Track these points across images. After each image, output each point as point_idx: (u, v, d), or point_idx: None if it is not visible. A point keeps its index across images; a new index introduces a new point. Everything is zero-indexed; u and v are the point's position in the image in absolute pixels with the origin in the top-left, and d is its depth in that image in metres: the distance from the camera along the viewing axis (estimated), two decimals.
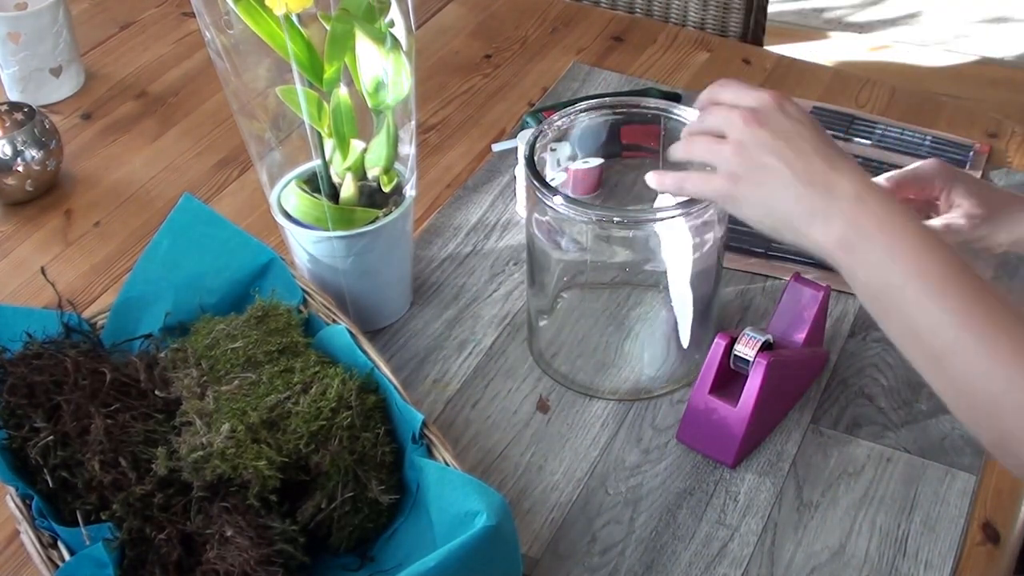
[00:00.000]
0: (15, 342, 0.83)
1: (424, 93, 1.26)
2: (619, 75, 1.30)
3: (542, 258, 0.93)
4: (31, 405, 0.79)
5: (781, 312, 0.89)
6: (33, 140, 1.12)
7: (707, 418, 0.86)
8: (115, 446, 0.75)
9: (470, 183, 1.15)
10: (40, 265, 1.07)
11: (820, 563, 0.81)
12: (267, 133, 0.93)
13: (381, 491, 0.77)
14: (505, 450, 0.89)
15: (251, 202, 1.13)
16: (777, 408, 0.89)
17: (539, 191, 0.85)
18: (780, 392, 0.88)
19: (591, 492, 0.86)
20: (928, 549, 0.81)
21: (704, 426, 0.86)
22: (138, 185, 1.18)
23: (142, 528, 0.73)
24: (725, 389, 0.85)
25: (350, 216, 0.92)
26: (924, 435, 0.89)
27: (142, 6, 1.47)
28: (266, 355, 0.82)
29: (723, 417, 0.85)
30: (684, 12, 1.49)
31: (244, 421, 0.76)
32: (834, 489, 0.86)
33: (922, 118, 1.22)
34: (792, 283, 0.89)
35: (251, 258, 0.92)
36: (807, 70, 1.33)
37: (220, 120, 1.26)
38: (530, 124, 1.18)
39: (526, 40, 1.39)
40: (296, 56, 0.84)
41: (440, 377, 0.95)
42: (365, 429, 0.78)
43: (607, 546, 0.82)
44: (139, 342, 0.88)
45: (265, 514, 0.74)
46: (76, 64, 1.30)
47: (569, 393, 0.94)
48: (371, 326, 0.98)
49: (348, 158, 0.92)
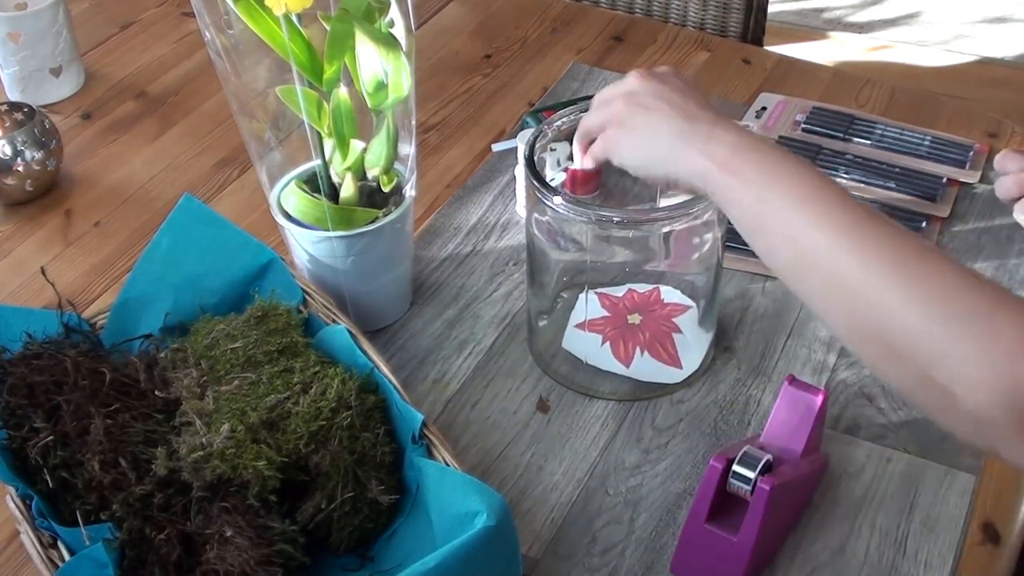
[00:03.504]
0: (15, 342, 0.83)
1: (424, 93, 1.26)
2: (619, 75, 1.30)
3: (542, 258, 0.93)
4: (31, 405, 0.79)
5: (777, 420, 0.80)
6: (33, 140, 1.12)
7: (704, 550, 0.78)
8: (115, 446, 0.75)
9: (470, 183, 1.15)
10: (40, 265, 1.07)
11: (820, 563, 0.81)
12: (267, 133, 0.93)
13: (381, 491, 0.77)
14: (505, 450, 0.89)
15: (251, 202, 1.13)
16: (779, 531, 0.81)
17: (539, 191, 0.85)
18: (782, 516, 0.80)
19: (591, 492, 0.86)
20: (928, 549, 0.81)
21: (701, 558, 0.78)
22: (138, 185, 1.18)
23: (142, 528, 0.73)
24: (722, 515, 0.77)
25: (350, 216, 0.92)
26: (924, 435, 0.89)
27: (142, 6, 1.47)
28: (266, 355, 0.82)
29: (722, 549, 0.76)
30: (684, 12, 1.49)
31: (244, 421, 0.76)
32: (834, 489, 0.85)
33: (922, 118, 1.22)
34: (787, 387, 0.80)
35: (251, 258, 0.92)
36: (807, 70, 1.33)
37: (220, 120, 1.26)
38: (530, 124, 1.18)
39: (526, 40, 1.39)
40: (296, 56, 0.84)
41: (440, 377, 0.95)
42: (365, 429, 0.78)
43: (607, 546, 0.82)
44: (139, 342, 0.88)
45: (265, 514, 0.74)
46: (76, 64, 1.30)
47: (569, 393, 0.94)
48: (371, 326, 0.98)
49: (348, 158, 0.92)
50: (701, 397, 0.93)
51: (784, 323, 0.99)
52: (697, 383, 0.94)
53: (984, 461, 0.87)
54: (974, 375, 0.56)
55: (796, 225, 0.66)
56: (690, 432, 0.90)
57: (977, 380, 0.56)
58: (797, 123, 1.21)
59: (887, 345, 0.61)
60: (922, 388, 0.60)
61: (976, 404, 0.56)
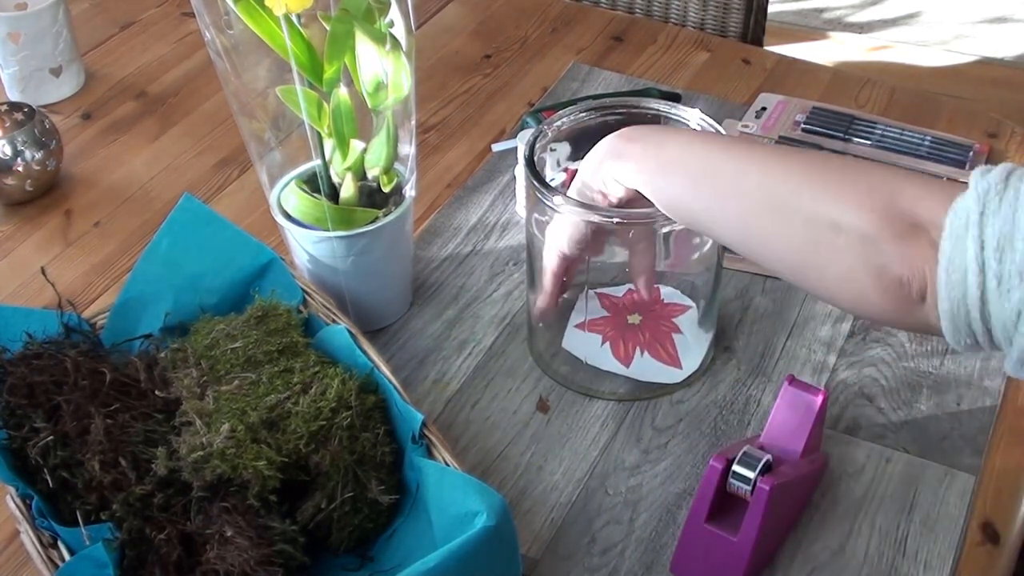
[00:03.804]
0: (15, 342, 0.83)
1: (424, 93, 1.26)
2: (619, 75, 1.30)
3: (542, 258, 0.93)
4: (31, 405, 0.79)
5: (777, 420, 0.80)
6: (33, 140, 1.12)
7: (704, 550, 0.78)
8: (115, 446, 0.75)
9: (470, 183, 1.15)
10: (40, 265, 1.07)
11: (819, 563, 0.81)
12: (267, 133, 0.93)
13: (381, 491, 0.77)
14: (505, 450, 0.89)
15: (251, 202, 1.13)
16: (779, 531, 0.82)
17: (539, 191, 0.85)
18: (782, 516, 0.80)
19: (591, 492, 0.86)
20: (927, 549, 0.81)
21: (701, 558, 0.78)
22: (138, 185, 1.18)
23: (142, 528, 0.73)
24: (721, 515, 0.77)
25: (350, 216, 0.92)
26: (924, 435, 0.89)
27: (142, 6, 1.47)
28: (266, 355, 0.82)
29: (722, 549, 0.77)
30: (684, 12, 1.49)
31: (244, 421, 0.76)
32: (833, 489, 0.86)
33: (922, 118, 1.22)
34: (787, 387, 0.80)
35: (251, 258, 0.92)
36: (807, 70, 1.33)
37: (220, 120, 1.26)
38: (530, 124, 1.19)
39: (526, 40, 1.39)
40: (296, 56, 0.84)
41: (440, 377, 0.95)
42: (365, 429, 0.78)
43: (607, 546, 0.82)
44: (139, 342, 0.88)
45: (265, 514, 0.74)
46: (76, 64, 1.31)
47: (569, 393, 0.94)
48: (371, 326, 0.98)
49: (348, 158, 0.92)
50: (701, 397, 0.93)
51: (784, 323, 0.99)
52: (697, 383, 0.94)
53: (983, 461, 0.87)
54: (852, 201, 0.68)
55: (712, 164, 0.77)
56: (690, 432, 0.90)
57: (856, 204, 0.68)
58: (797, 123, 1.21)
59: (784, 217, 0.72)
60: (813, 238, 0.70)
61: (859, 223, 0.67)
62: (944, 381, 0.94)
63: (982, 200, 0.63)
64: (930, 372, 0.94)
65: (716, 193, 0.76)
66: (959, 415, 0.91)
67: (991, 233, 0.62)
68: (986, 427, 0.90)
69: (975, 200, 0.63)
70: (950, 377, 0.94)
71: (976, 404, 0.92)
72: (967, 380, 0.94)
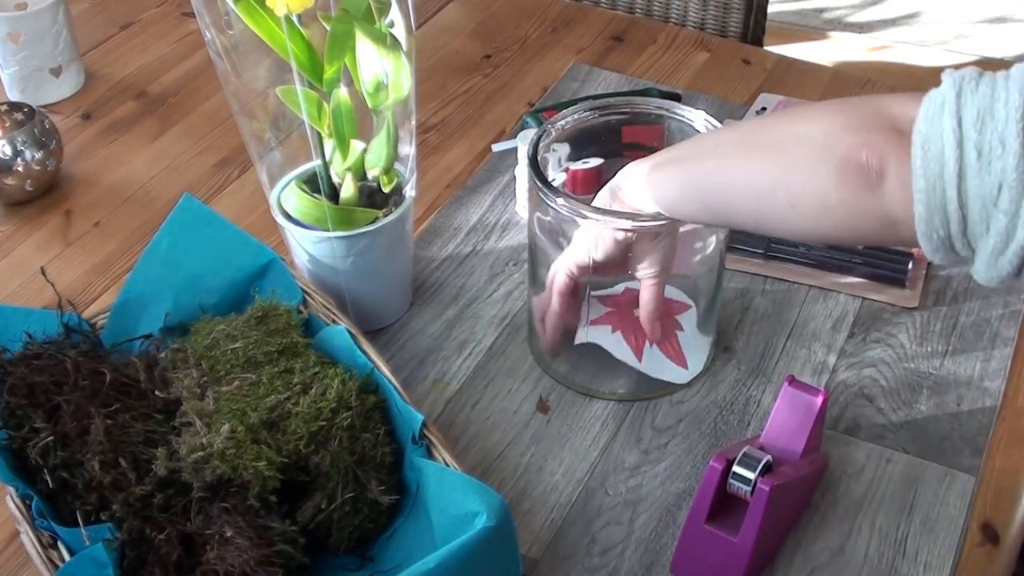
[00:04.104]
0: (15, 342, 0.83)
1: (424, 93, 1.26)
2: (619, 75, 1.30)
3: (543, 258, 0.93)
4: (31, 405, 0.79)
5: (777, 421, 0.80)
6: (33, 140, 1.12)
7: (704, 550, 0.78)
8: (115, 446, 0.75)
9: (470, 183, 1.15)
10: (40, 265, 1.07)
11: (819, 564, 0.81)
12: (267, 133, 0.93)
13: (381, 492, 0.77)
14: (505, 450, 0.89)
15: (251, 202, 1.13)
16: (779, 532, 0.82)
17: (542, 191, 0.85)
18: (781, 516, 0.80)
19: (591, 493, 0.86)
20: (927, 550, 0.81)
21: (701, 559, 0.78)
22: (138, 185, 1.18)
23: (142, 528, 0.73)
24: (721, 516, 0.77)
25: (350, 216, 0.92)
26: (923, 436, 0.89)
27: (142, 6, 1.47)
28: (266, 355, 0.82)
29: (722, 549, 0.77)
30: (684, 12, 1.49)
31: (244, 421, 0.76)
32: (833, 490, 0.86)
33: None
34: (787, 388, 0.80)
35: (251, 258, 0.92)
36: (807, 70, 1.33)
37: (220, 120, 1.26)
38: (530, 124, 1.18)
39: (526, 40, 1.39)
40: (296, 56, 0.84)
41: (440, 377, 0.95)
42: (365, 430, 0.78)
43: (607, 547, 0.82)
44: (139, 342, 0.88)
45: (265, 515, 0.74)
46: (76, 64, 1.30)
47: (569, 393, 0.94)
48: (371, 326, 0.98)
49: (348, 158, 0.92)
50: (701, 397, 0.93)
51: (784, 323, 0.99)
52: (697, 383, 0.94)
53: (983, 462, 0.87)
54: (824, 116, 0.70)
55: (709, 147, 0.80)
56: (690, 432, 0.90)
57: (827, 117, 0.70)
58: None
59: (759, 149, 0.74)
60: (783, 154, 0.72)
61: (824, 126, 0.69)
62: (944, 382, 0.94)
63: (958, 85, 0.63)
64: (930, 373, 0.94)
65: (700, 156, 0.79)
66: (959, 416, 0.91)
67: (969, 110, 0.62)
68: (986, 428, 0.90)
69: (950, 87, 0.63)
70: (950, 378, 0.94)
71: (976, 405, 0.92)
72: (967, 381, 0.94)
